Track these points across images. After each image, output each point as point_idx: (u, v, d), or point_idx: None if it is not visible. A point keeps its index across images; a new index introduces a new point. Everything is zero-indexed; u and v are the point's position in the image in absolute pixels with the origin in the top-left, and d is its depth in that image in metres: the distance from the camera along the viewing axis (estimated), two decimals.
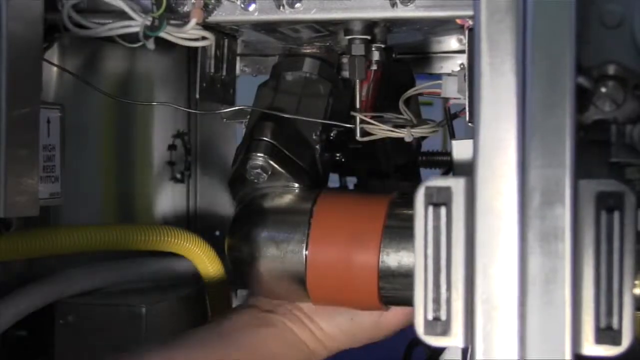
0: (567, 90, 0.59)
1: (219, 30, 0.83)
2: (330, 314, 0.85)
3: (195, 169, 1.09)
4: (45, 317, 0.89)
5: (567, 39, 0.59)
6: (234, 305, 1.00)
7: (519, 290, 0.59)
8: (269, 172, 0.84)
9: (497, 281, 0.59)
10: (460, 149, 0.82)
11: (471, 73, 0.72)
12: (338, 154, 0.90)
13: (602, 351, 0.59)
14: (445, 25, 0.85)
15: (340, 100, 0.89)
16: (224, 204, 1.09)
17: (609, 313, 0.59)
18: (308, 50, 0.91)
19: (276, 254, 0.82)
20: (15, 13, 0.70)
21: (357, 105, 0.85)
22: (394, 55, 0.96)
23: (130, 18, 0.77)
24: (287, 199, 0.84)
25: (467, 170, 0.62)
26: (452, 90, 0.82)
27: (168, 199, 1.06)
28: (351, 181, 1.05)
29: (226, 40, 0.87)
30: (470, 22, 0.74)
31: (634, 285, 0.60)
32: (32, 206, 0.75)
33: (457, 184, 0.61)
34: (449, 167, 0.91)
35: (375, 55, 0.84)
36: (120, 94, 0.96)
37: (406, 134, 0.82)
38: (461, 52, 0.97)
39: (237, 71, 0.98)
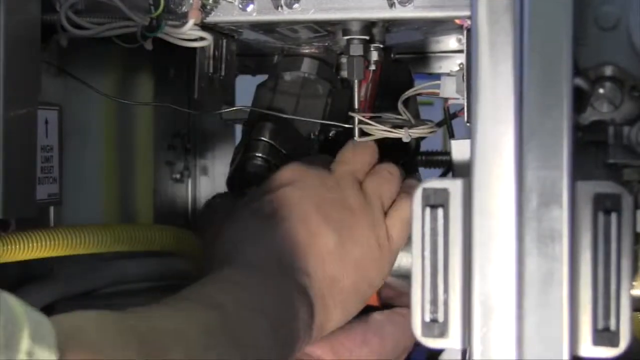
0: (565, 91, 0.59)
1: (217, 30, 0.83)
2: None
3: (194, 169, 1.09)
4: None
5: (564, 41, 0.59)
6: None
7: (516, 292, 0.59)
8: (267, 173, 0.84)
9: (494, 283, 0.59)
10: (460, 149, 0.82)
11: (469, 74, 0.72)
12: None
13: (600, 352, 0.59)
14: (444, 25, 0.85)
15: (338, 101, 0.89)
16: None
17: (607, 314, 0.59)
18: (306, 51, 0.91)
19: None
20: (13, 14, 0.70)
21: (356, 106, 0.85)
22: (392, 55, 0.96)
23: (128, 19, 0.77)
24: None
25: (466, 170, 0.62)
26: (450, 90, 0.82)
27: (168, 199, 1.06)
28: None
29: (224, 41, 0.87)
30: (469, 22, 0.74)
31: (632, 287, 0.60)
32: (30, 207, 0.75)
33: (454, 186, 0.61)
34: (449, 167, 0.90)
35: (374, 56, 0.84)
36: (119, 95, 0.96)
37: (404, 135, 0.82)
38: (460, 51, 0.96)
39: (236, 71, 0.98)
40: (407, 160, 0.94)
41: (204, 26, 0.78)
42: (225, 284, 0.71)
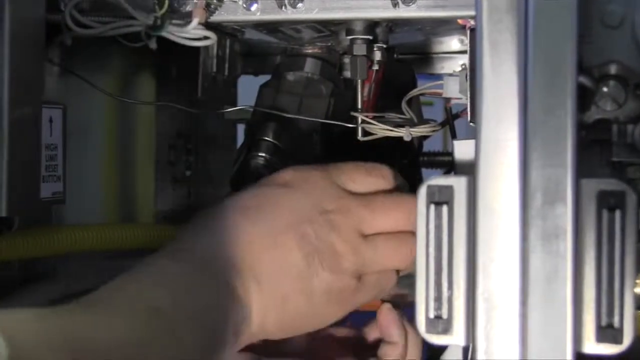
0: (569, 89, 0.59)
1: (221, 30, 0.83)
2: None
3: (196, 169, 1.09)
4: None
5: (569, 39, 0.59)
6: None
7: (520, 289, 0.59)
8: (271, 172, 0.84)
9: (498, 280, 0.60)
10: (462, 149, 0.82)
11: (472, 73, 0.72)
12: (340, 154, 0.90)
13: (603, 350, 0.60)
14: (447, 26, 0.85)
15: (341, 101, 0.89)
16: None
17: (610, 312, 0.59)
18: (310, 51, 0.91)
19: None
20: (18, 13, 0.70)
21: (359, 105, 0.85)
22: (395, 56, 0.96)
23: (133, 18, 0.77)
24: None
25: (468, 170, 0.62)
26: (453, 90, 0.82)
27: (169, 198, 1.06)
28: None
29: (228, 40, 0.87)
30: (472, 22, 0.74)
31: (635, 284, 0.60)
32: (34, 205, 0.75)
33: (458, 183, 0.62)
34: (450, 167, 0.91)
35: (377, 55, 0.84)
36: (122, 94, 0.96)
37: (405, 134, 0.82)
38: (462, 52, 0.97)
39: (239, 71, 0.98)
40: (409, 160, 0.95)
41: (208, 25, 0.79)
42: (165, 278, 0.67)
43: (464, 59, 0.80)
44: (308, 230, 0.72)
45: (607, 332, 0.59)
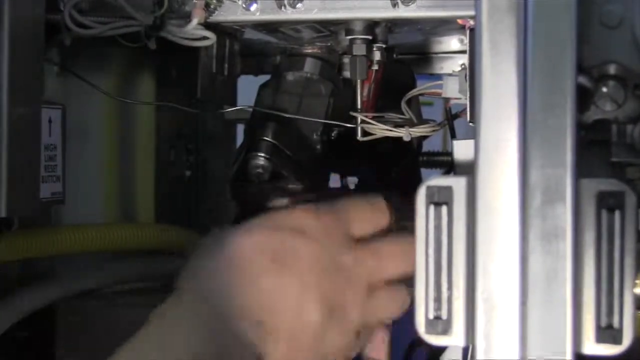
0: (568, 89, 0.59)
1: (221, 30, 0.83)
2: None
3: (195, 169, 1.09)
4: (46, 317, 0.89)
5: (568, 39, 0.59)
6: None
7: (519, 289, 0.59)
8: (270, 172, 0.84)
9: (498, 280, 0.60)
10: (461, 149, 0.82)
11: (472, 73, 0.72)
12: (339, 154, 0.90)
13: (603, 350, 0.59)
14: (446, 26, 0.85)
15: (341, 101, 0.89)
16: (224, 204, 1.09)
17: (610, 312, 0.59)
18: (309, 51, 0.91)
19: None
20: (17, 13, 0.70)
21: (358, 105, 0.85)
22: (395, 56, 0.96)
23: (132, 18, 0.77)
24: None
25: (468, 170, 0.62)
26: (453, 90, 0.82)
27: (169, 199, 1.06)
28: (352, 181, 1.06)
29: (227, 40, 0.87)
30: (472, 22, 0.74)
31: (635, 285, 0.60)
32: (33, 206, 0.75)
33: (458, 184, 0.61)
34: (450, 167, 0.91)
35: (377, 55, 0.85)
36: (122, 94, 0.96)
37: (405, 134, 0.82)
38: (462, 52, 0.97)
39: (239, 71, 0.98)
40: (409, 160, 0.95)
41: (207, 25, 0.79)
42: (186, 324, 0.68)
43: (464, 59, 0.80)
44: (325, 289, 0.69)
45: (607, 332, 0.59)
